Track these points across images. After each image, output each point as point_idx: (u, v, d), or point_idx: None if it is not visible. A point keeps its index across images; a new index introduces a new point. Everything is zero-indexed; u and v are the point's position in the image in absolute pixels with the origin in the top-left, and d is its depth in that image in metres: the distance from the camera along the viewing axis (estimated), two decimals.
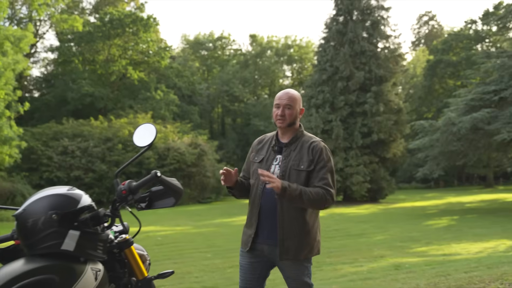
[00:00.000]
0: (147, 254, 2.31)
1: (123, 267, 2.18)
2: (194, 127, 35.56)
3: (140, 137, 2.33)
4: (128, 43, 36.90)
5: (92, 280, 1.95)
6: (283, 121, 3.14)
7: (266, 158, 3.22)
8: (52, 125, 29.34)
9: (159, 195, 2.19)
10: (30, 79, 38.60)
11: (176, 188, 2.16)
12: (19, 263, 1.89)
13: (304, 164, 3.04)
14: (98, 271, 1.99)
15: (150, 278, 2.21)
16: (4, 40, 21.47)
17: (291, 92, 3.21)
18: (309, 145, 3.09)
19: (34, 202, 1.97)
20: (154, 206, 2.20)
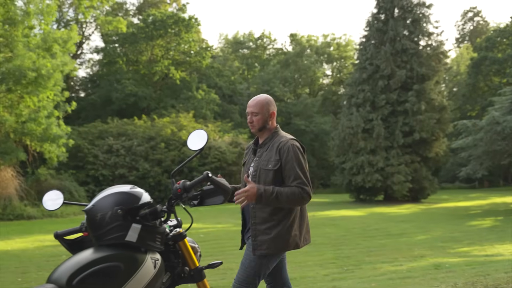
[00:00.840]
0: (198, 246, 2.54)
1: (177, 258, 2.42)
2: (235, 126, 35.88)
3: (193, 141, 2.56)
4: (170, 43, 37.54)
5: (151, 268, 2.19)
6: (253, 127, 3.37)
7: (247, 161, 3.44)
8: (97, 124, 30.09)
9: (209, 194, 2.43)
10: (76, 80, 39.74)
11: (225, 187, 2.39)
12: (89, 252, 2.15)
13: (271, 163, 3.20)
14: (156, 260, 2.24)
15: (201, 268, 2.44)
16: (53, 43, 22.29)
17: (258, 98, 3.41)
18: (278, 145, 3.26)
19: (102, 198, 2.23)
20: (205, 203, 2.44)
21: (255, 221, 3.19)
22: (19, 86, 20.84)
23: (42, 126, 21.39)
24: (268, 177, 3.17)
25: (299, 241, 3.27)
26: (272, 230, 3.15)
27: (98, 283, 2.07)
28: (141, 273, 2.16)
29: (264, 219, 3.18)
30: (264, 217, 3.18)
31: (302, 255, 9.60)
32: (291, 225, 3.21)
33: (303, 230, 3.33)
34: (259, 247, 3.14)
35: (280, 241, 3.16)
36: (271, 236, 3.14)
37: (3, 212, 20.47)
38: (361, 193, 27.80)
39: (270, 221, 3.16)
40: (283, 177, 3.19)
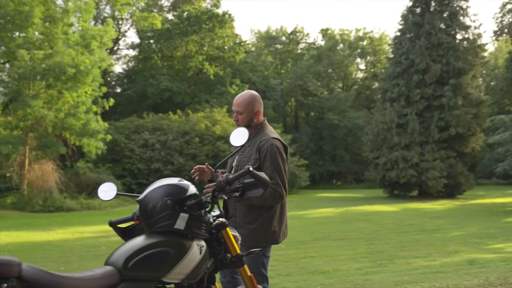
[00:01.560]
0: (239, 235, 2.73)
1: (220, 245, 2.61)
2: (268, 121, 35.78)
3: (235, 138, 2.74)
4: (205, 39, 37.90)
5: (197, 254, 2.39)
6: (238, 125, 3.44)
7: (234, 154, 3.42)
8: (133, 119, 30.65)
9: (250, 186, 2.61)
10: (113, 75, 40.52)
11: (265, 180, 2.56)
12: (141, 238, 2.36)
13: (251, 161, 3.29)
14: (202, 246, 2.43)
15: (242, 255, 2.63)
16: (91, 39, 22.86)
17: (243, 97, 3.46)
18: (259, 143, 3.33)
19: (153, 190, 2.44)
20: (246, 195, 2.62)
21: (235, 214, 3.30)
22: (59, 82, 21.47)
23: (81, 121, 22.00)
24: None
25: (278, 236, 3.36)
26: (251, 225, 3.26)
27: (150, 266, 2.28)
28: (188, 258, 2.37)
29: (244, 213, 3.27)
30: (243, 212, 3.28)
31: (335, 249, 9.73)
32: (270, 220, 3.31)
33: (283, 226, 3.41)
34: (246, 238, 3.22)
35: (258, 236, 3.25)
36: (250, 230, 3.25)
37: (44, 204, 21.15)
38: (395, 188, 27.62)
39: (249, 216, 3.25)
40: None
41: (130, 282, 2.24)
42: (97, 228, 14.03)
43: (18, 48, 20.94)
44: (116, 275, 2.22)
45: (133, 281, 2.25)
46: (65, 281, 2.06)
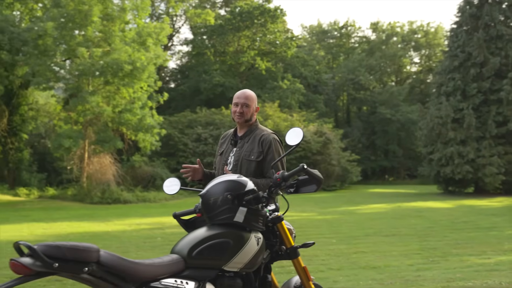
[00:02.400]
0: (294, 229, 2.90)
1: (276, 238, 2.81)
2: (320, 116, 35.94)
3: (290, 137, 2.90)
4: (257, 34, 38.15)
5: (255, 245, 2.59)
6: (241, 117, 3.53)
7: (225, 151, 3.64)
8: (187, 114, 31.24)
9: (304, 183, 2.78)
10: (167, 71, 41.42)
11: (318, 177, 2.72)
12: (204, 229, 2.59)
13: (254, 155, 3.40)
14: (259, 238, 2.63)
15: (296, 247, 2.81)
16: (147, 37, 23.49)
17: (248, 92, 3.61)
18: (260, 137, 3.44)
19: (214, 185, 2.65)
20: (300, 191, 2.79)
21: None
22: (116, 79, 22.19)
23: (137, 116, 22.68)
24: (250, 167, 3.41)
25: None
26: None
27: (212, 255, 2.50)
28: (247, 249, 2.57)
29: None
30: None
31: (386, 245, 9.72)
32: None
33: None
34: None
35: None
36: None
37: (102, 196, 21.98)
38: (450, 184, 27.03)
39: None
40: (263, 168, 3.42)
41: (194, 270, 2.47)
42: (152, 220, 14.49)
43: (78, 46, 21.79)
44: (182, 263, 2.46)
45: (197, 268, 2.48)
46: (137, 266, 2.30)
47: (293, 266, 2.93)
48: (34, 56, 21.53)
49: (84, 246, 2.17)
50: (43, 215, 16.43)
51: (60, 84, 25.23)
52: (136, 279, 2.30)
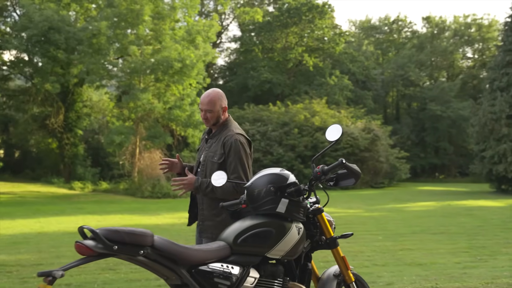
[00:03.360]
0: (333, 220, 3.05)
1: (316, 228, 2.98)
2: (368, 112, 35.58)
3: (330, 133, 3.04)
4: (304, 30, 38.11)
5: (296, 234, 2.77)
6: (207, 123, 3.52)
7: (200, 149, 3.66)
8: (235, 110, 31.54)
9: (343, 176, 2.94)
10: (215, 68, 41.95)
11: (356, 171, 2.87)
12: (248, 219, 2.79)
13: (216, 156, 3.40)
14: (300, 228, 2.81)
15: (335, 237, 2.97)
16: (196, 34, 23.93)
17: (211, 95, 3.55)
18: (224, 138, 3.41)
19: (258, 178, 2.84)
20: (339, 185, 2.94)
21: (203, 207, 3.45)
22: (166, 76, 22.75)
23: (186, 113, 23.18)
24: (213, 169, 3.37)
25: None
26: (218, 216, 3.39)
27: (255, 243, 2.70)
28: (288, 238, 2.75)
29: (211, 205, 3.41)
30: (210, 203, 3.41)
31: (433, 243, 9.65)
32: None
33: None
34: (205, 231, 3.43)
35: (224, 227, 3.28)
36: (216, 222, 3.38)
37: (152, 191, 22.57)
38: (503, 183, 26.26)
39: (215, 209, 3.35)
40: (225, 170, 3.35)
41: (238, 256, 2.68)
42: None
43: (130, 45, 22.47)
44: (228, 249, 2.67)
45: (241, 255, 2.68)
46: (187, 251, 2.51)
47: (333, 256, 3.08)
48: (89, 55, 22.33)
49: (140, 231, 2.41)
50: (96, 208, 17.08)
51: (113, 81, 26.09)
52: (186, 262, 2.53)
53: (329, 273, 3.15)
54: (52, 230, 11.26)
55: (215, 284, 2.56)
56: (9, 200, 19.74)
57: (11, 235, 10.53)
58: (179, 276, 2.51)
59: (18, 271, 6.83)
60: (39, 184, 25.43)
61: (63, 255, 7.99)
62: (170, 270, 2.50)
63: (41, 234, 10.65)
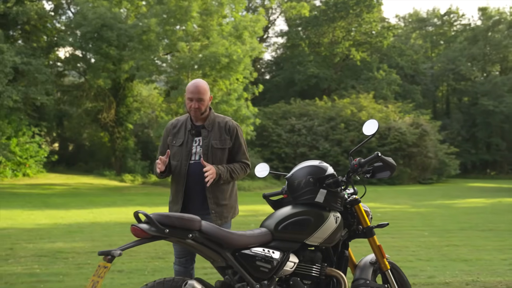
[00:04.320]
0: (370, 211, 3.19)
1: (353, 218, 3.14)
2: (416, 107, 35.00)
3: (367, 127, 3.18)
4: (352, 24, 37.79)
5: (333, 223, 2.93)
6: (197, 112, 3.52)
7: (185, 141, 3.57)
8: (281, 105, 31.71)
9: (379, 169, 3.08)
10: (262, 63, 42.14)
11: (392, 164, 3.01)
12: (288, 207, 2.98)
13: (224, 142, 3.50)
14: (337, 217, 2.97)
15: (372, 227, 3.12)
16: (243, 30, 24.17)
17: (200, 85, 3.57)
18: (225, 125, 3.53)
19: (298, 169, 3.03)
20: (375, 177, 3.09)
21: (211, 195, 3.50)
22: (214, 71, 23.09)
23: (233, 108, 23.46)
24: (223, 155, 3.52)
25: (237, 211, 3.76)
26: (230, 198, 3.59)
27: (295, 230, 2.89)
28: (326, 226, 2.93)
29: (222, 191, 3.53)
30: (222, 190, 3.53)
31: (481, 239, 9.55)
32: (236, 194, 3.70)
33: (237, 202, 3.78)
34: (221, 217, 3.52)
35: (227, 212, 3.57)
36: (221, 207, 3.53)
37: None
38: None
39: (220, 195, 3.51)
40: (232, 154, 3.57)
41: (279, 242, 2.87)
42: (247, 208, 15.05)
43: (178, 41, 22.92)
44: (269, 235, 2.87)
45: (282, 241, 2.87)
46: (231, 235, 2.73)
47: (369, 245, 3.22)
48: (139, 51, 22.93)
49: (189, 216, 2.63)
50: (146, 200, 17.60)
51: (162, 77, 26.67)
52: (231, 246, 2.73)
53: (366, 261, 3.30)
54: (104, 220, 11.74)
55: (257, 267, 2.74)
56: (64, 191, 20.59)
57: (66, 224, 11.06)
58: (224, 258, 2.72)
59: (73, 257, 7.23)
60: (91, 176, 26.33)
61: (115, 243, 8.37)
62: (216, 253, 2.71)
63: (94, 224, 11.12)
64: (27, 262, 6.84)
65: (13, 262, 6.80)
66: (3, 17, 23.71)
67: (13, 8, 22.82)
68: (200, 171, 3.42)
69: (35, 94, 22.31)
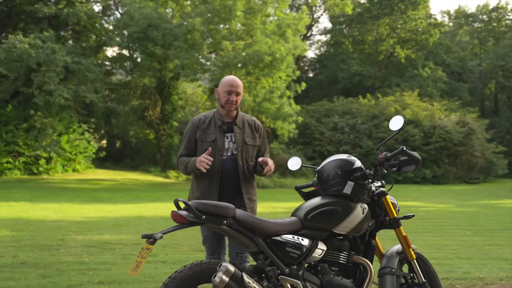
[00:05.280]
0: (397, 203, 3.33)
1: (380, 210, 3.29)
2: (463, 105, 34.26)
3: (393, 123, 3.31)
4: (397, 22, 37.30)
5: (360, 213, 3.10)
6: (232, 106, 3.58)
7: (218, 137, 3.60)
8: (324, 103, 31.64)
9: (405, 163, 3.23)
10: (305, 61, 42.12)
11: (416, 158, 3.15)
12: (318, 198, 3.17)
13: (254, 139, 3.61)
14: (364, 208, 3.14)
15: (398, 218, 3.27)
16: (286, 28, 24.29)
17: (238, 79, 3.65)
18: (254, 123, 3.64)
19: (327, 163, 3.22)
20: (401, 170, 3.25)
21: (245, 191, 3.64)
22: (257, 69, 23.29)
23: (275, 105, 23.63)
24: (254, 152, 3.66)
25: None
26: (254, 196, 3.73)
27: (323, 219, 3.06)
28: (353, 216, 3.09)
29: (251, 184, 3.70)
30: (251, 183, 3.70)
31: None
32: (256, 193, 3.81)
33: None
34: (253, 208, 3.68)
35: (256, 206, 3.74)
36: (253, 202, 3.70)
37: None
38: None
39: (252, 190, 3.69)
40: (259, 151, 3.71)
41: (308, 230, 3.06)
42: (288, 205, 15.20)
43: (222, 39, 23.25)
44: (299, 224, 3.07)
45: (311, 229, 3.06)
46: (264, 223, 2.93)
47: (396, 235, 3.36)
48: (184, 50, 23.39)
49: (224, 205, 2.85)
50: None
51: (206, 75, 27.09)
52: (263, 232, 2.92)
53: (393, 251, 3.43)
54: (149, 215, 12.15)
55: (287, 253, 2.93)
56: (111, 186, 21.28)
57: (113, 218, 11.52)
58: (256, 244, 2.91)
59: (120, 248, 7.58)
60: (137, 172, 27.04)
61: None
62: (248, 239, 2.90)
63: (140, 218, 11.54)
64: (76, 251, 7.23)
65: (64, 251, 7.21)
66: (55, 19, 24.69)
67: (64, 10, 23.70)
68: (232, 167, 3.58)
69: (85, 92, 23.08)
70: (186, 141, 3.71)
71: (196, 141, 3.66)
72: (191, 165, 3.54)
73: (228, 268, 2.71)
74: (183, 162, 3.63)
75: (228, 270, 2.70)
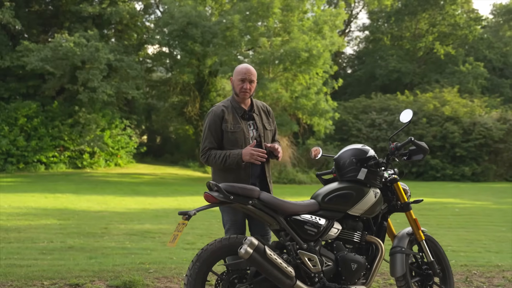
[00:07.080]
0: (408, 189, 3.65)
1: (393, 194, 3.62)
2: (505, 101, 33.56)
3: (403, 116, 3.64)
4: (436, 17, 36.82)
5: (372, 197, 3.43)
6: (247, 94, 3.66)
7: (243, 126, 3.65)
8: (362, 100, 31.56)
9: (414, 152, 3.55)
10: (343, 57, 42.02)
11: (424, 148, 3.46)
12: (335, 183, 3.54)
13: (271, 124, 3.77)
14: (377, 193, 3.46)
15: (408, 202, 3.61)
16: (323, 24, 24.44)
17: (252, 68, 3.71)
18: (266, 108, 3.78)
19: (344, 152, 3.59)
20: (411, 159, 3.59)
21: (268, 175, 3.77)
22: (294, 66, 23.53)
23: (312, 102, 23.82)
24: (271, 136, 3.83)
25: None
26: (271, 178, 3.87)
27: (338, 202, 3.41)
28: (366, 199, 3.43)
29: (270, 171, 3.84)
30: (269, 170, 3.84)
31: None
32: None
33: None
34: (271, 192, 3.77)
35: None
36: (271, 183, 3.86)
37: (278, 176, 23.61)
38: None
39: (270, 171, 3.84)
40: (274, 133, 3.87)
41: (325, 211, 3.41)
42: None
43: (260, 36, 23.58)
44: (317, 205, 3.42)
45: (327, 210, 3.41)
46: (285, 204, 3.30)
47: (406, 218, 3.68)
48: (222, 47, 23.83)
49: (250, 187, 3.25)
50: None
51: None
52: (284, 212, 3.27)
53: (404, 232, 3.78)
54: (188, 208, 12.56)
55: (305, 230, 3.27)
56: (152, 180, 21.94)
57: (153, 210, 12.06)
58: (278, 222, 3.26)
59: (159, 237, 8.05)
60: (177, 167, 27.69)
61: (197, 227, 9.14)
62: (271, 218, 3.26)
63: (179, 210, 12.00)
64: (119, 239, 7.73)
65: (108, 238, 7.72)
66: (98, 18, 25.54)
67: (107, 9, 24.52)
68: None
69: (127, 88, 23.82)
70: (213, 133, 3.64)
71: (222, 132, 3.64)
72: (233, 158, 3.52)
73: (252, 241, 3.06)
74: (218, 155, 3.57)
75: (252, 243, 3.05)
